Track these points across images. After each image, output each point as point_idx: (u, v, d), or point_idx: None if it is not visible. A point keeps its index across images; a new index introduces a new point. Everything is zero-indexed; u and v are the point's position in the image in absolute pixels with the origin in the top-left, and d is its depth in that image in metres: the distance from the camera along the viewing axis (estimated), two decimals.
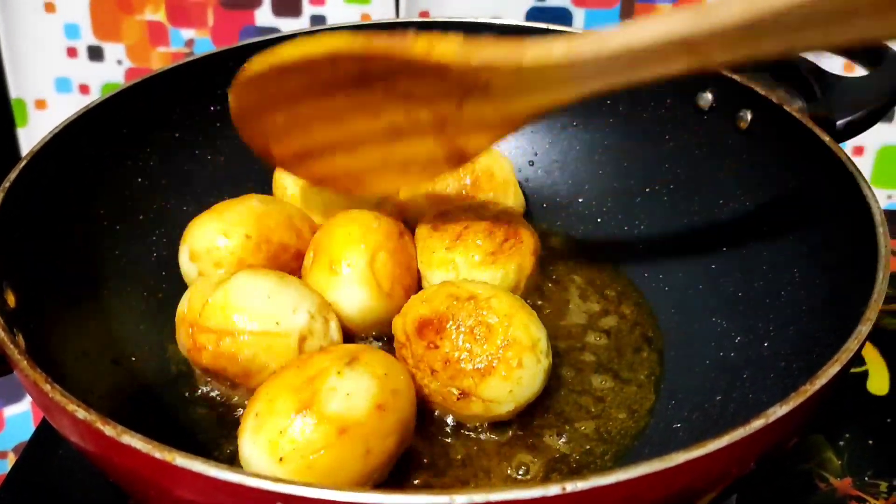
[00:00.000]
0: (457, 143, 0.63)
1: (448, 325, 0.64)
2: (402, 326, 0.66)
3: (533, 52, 0.55)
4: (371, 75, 0.60)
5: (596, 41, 0.53)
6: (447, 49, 0.57)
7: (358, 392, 0.57)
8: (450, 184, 0.82)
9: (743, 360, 0.68)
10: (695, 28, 0.50)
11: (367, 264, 0.70)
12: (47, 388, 0.48)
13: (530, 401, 0.65)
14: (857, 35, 0.48)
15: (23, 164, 0.66)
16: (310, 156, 0.69)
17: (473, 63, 0.56)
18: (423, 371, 0.64)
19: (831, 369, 0.48)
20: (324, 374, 0.57)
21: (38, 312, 0.61)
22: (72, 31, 1.15)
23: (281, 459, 0.54)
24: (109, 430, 0.45)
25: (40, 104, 1.20)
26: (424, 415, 0.65)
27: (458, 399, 0.64)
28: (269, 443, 0.55)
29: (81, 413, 0.46)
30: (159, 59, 1.16)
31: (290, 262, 0.74)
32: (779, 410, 0.45)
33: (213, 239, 0.71)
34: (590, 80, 0.55)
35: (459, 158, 0.65)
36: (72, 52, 1.16)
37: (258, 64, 0.62)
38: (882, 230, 0.58)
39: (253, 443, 0.56)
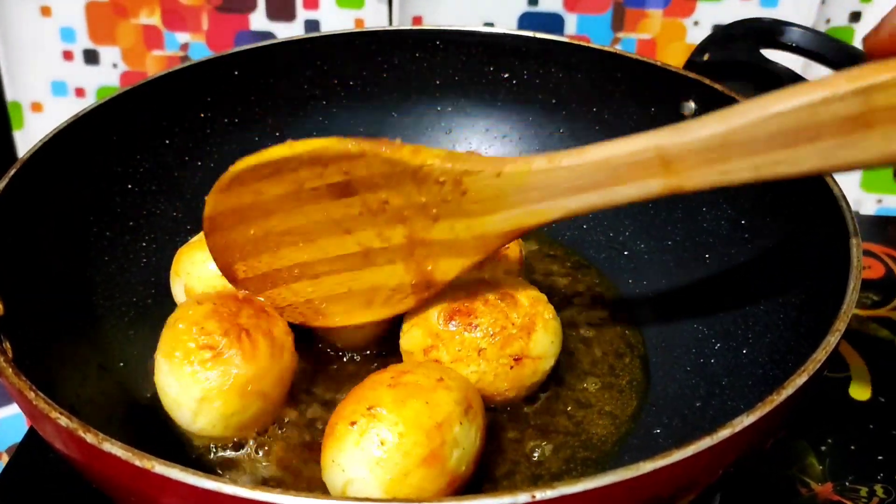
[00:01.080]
0: (425, 269, 0.64)
1: (478, 305, 0.67)
2: (423, 331, 0.67)
3: (514, 162, 0.58)
4: (353, 182, 0.61)
5: (575, 153, 0.56)
6: (432, 153, 0.59)
7: (468, 447, 0.59)
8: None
9: (722, 367, 0.69)
10: (670, 141, 0.53)
11: None
12: (31, 395, 0.49)
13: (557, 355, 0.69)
14: (824, 162, 0.51)
15: (13, 172, 0.67)
16: (274, 280, 0.67)
17: (456, 166, 0.59)
18: (467, 358, 0.66)
19: (798, 379, 0.49)
20: (450, 423, 0.58)
21: (26, 319, 0.62)
22: (67, 34, 1.16)
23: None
24: (91, 437, 0.46)
25: (36, 107, 1.20)
26: None
27: (513, 367, 0.66)
28: (390, 481, 0.56)
29: (64, 420, 0.47)
30: (154, 63, 1.17)
31: None
32: (745, 420, 0.46)
33: (211, 277, 0.71)
34: (568, 195, 0.57)
35: (426, 286, 0.65)
36: (68, 56, 1.17)
37: (244, 162, 0.62)
38: (855, 241, 0.59)
39: (370, 472, 0.56)
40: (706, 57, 0.83)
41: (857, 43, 0.99)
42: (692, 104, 0.80)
